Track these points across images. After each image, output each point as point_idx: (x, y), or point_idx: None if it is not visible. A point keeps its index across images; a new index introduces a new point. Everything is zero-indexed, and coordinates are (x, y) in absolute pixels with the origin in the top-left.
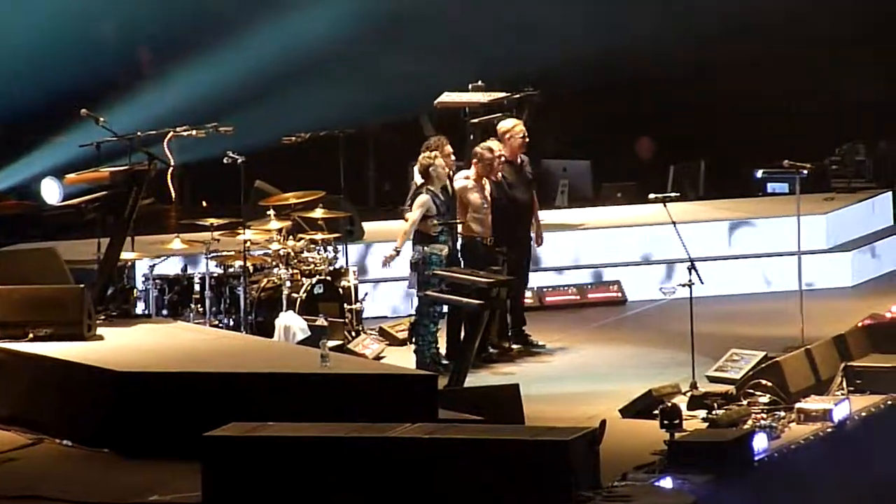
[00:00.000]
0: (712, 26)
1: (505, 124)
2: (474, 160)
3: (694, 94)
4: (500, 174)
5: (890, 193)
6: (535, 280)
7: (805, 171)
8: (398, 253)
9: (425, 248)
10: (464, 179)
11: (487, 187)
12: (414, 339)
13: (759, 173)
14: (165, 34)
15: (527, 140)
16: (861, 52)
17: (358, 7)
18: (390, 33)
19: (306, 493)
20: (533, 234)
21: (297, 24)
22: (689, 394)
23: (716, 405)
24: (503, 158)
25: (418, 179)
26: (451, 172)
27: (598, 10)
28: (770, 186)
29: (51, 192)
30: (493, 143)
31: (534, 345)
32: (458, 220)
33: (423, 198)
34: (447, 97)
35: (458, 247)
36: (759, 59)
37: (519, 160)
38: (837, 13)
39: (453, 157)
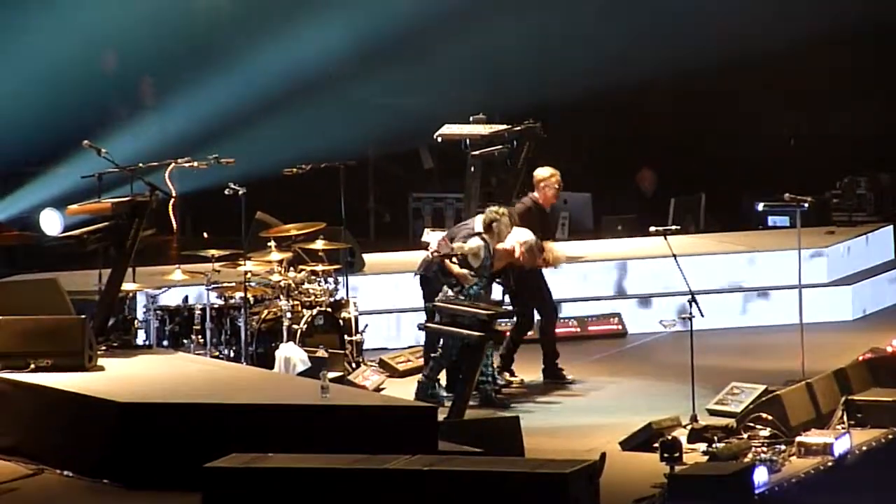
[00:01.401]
0: (712, 59)
1: (542, 172)
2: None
3: (695, 126)
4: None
5: (891, 227)
6: (576, 309)
7: (806, 205)
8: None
9: (451, 292)
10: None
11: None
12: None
13: (760, 206)
14: (164, 64)
15: (561, 189)
16: (862, 84)
17: (358, 34)
18: (390, 63)
19: None
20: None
21: (298, 51)
22: (689, 427)
23: (716, 438)
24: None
25: (477, 226)
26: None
27: (599, 42)
28: (771, 220)
29: (51, 222)
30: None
31: (565, 380)
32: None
33: (480, 243)
34: (448, 129)
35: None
36: (760, 91)
37: (549, 208)
38: (838, 45)
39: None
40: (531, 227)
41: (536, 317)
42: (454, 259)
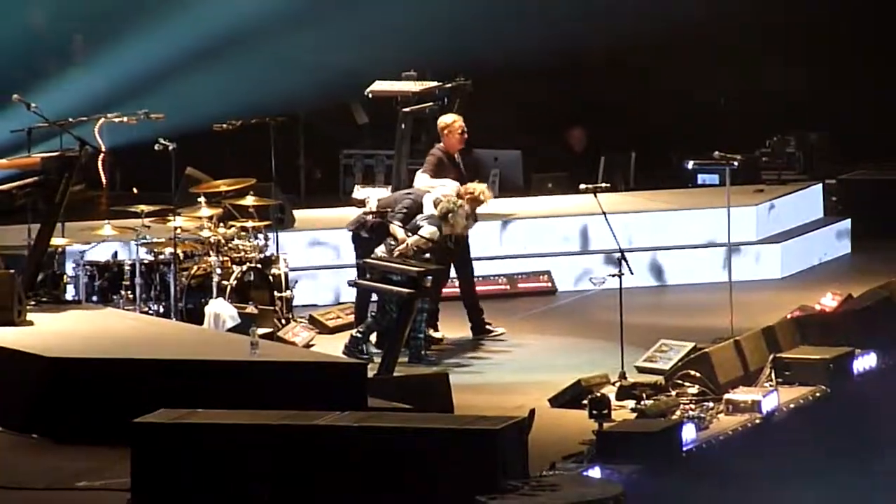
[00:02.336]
0: (646, 19)
1: (444, 119)
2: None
3: (625, 84)
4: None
5: (820, 186)
6: (510, 267)
7: (735, 163)
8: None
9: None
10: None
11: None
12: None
13: (690, 164)
14: (95, 19)
15: (465, 136)
16: (794, 43)
17: None
18: (323, 17)
19: (235, 480)
20: None
21: (230, 5)
22: (617, 384)
23: (644, 395)
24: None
25: (427, 207)
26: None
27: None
28: (701, 178)
29: None
30: (451, 116)
31: (494, 333)
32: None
33: (433, 230)
34: (379, 86)
35: None
36: (692, 50)
37: (456, 156)
38: (768, 3)
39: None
40: (446, 174)
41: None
42: (395, 221)
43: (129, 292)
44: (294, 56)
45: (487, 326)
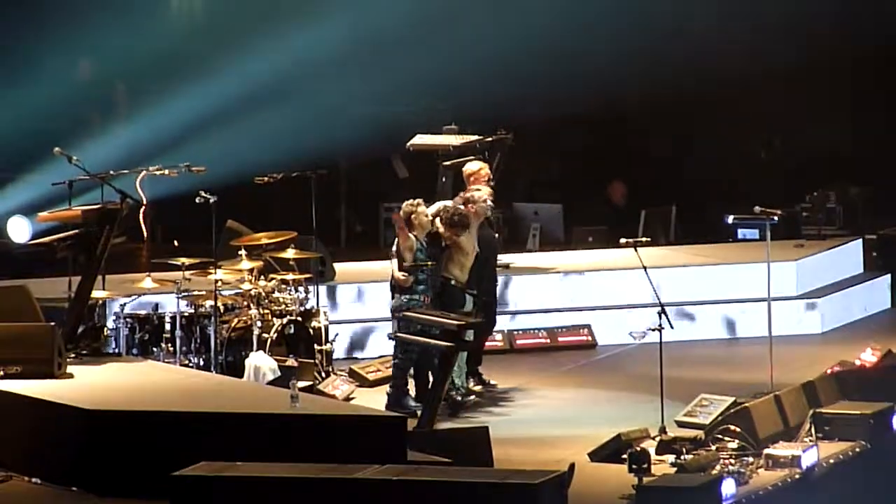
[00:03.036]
0: (687, 71)
1: (471, 167)
2: (468, 205)
3: (668, 139)
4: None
5: (860, 241)
6: (506, 323)
7: (775, 218)
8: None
9: (404, 295)
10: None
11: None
12: (391, 381)
13: (730, 219)
14: (138, 72)
15: (492, 182)
16: (834, 99)
17: (333, 41)
18: (365, 71)
19: None
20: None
21: (271, 58)
22: (657, 438)
23: (684, 450)
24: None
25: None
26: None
27: (577, 54)
28: (741, 232)
29: (19, 230)
30: (484, 190)
31: (487, 384)
32: (426, 263)
33: (411, 241)
34: (420, 139)
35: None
36: (734, 104)
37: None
38: (812, 61)
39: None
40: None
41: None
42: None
43: (170, 345)
44: (336, 106)
45: (482, 376)
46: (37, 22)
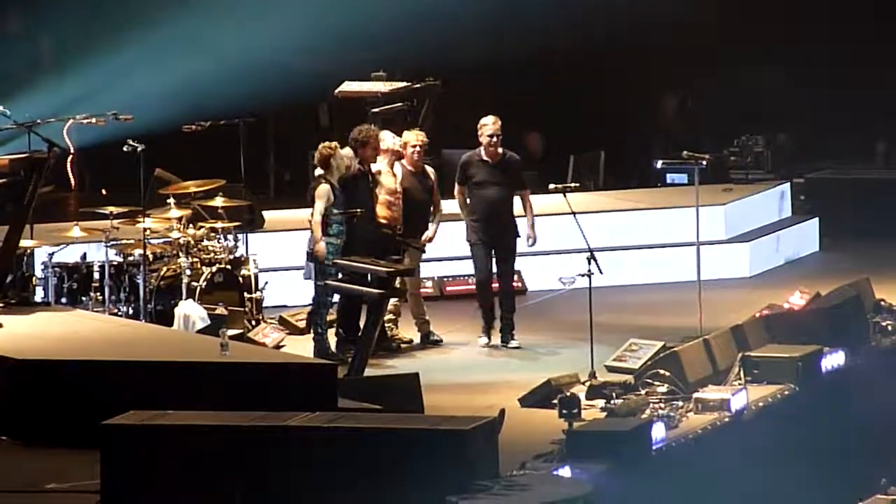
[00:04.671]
0: (619, 20)
1: (406, 136)
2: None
3: (593, 83)
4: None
5: (788, 185)
6: (435, 269)
7: (704, 162)
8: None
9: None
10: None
11: (399, 176)
12: (313, 329)
13: (659, 164)
14: (64, 23)
15: (424, 149)
16: (760, 43)
17: None
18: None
19: (205, 481)
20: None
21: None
22: (587, 383)
23: (614, 395)
24: (417, 149)
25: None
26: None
27: (492, 4)
28: (670, 177)
29: None
30: (408, 135)
31: (431, 339)
32: (356, 211)
33: (325, 187)
34: (347, 86)
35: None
36: (662, 50)
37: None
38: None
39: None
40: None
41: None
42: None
43: (99, 294)
44: (263, 57)
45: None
46: None
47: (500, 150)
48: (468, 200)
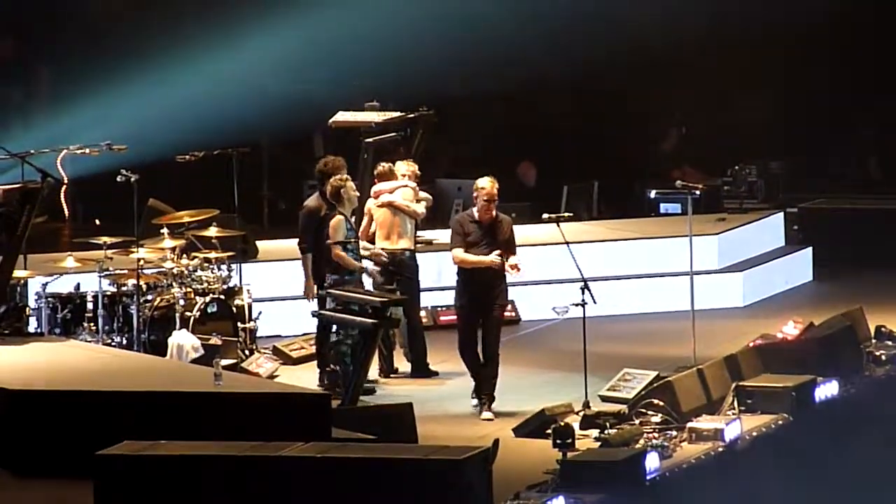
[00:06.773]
0: (614, 53)
1: (398, 167)
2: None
3: (588, 115)
4: None
5: (781, 214)
6: (429, 299)
7: (697, 192)
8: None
9: (334, 275)
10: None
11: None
12: (341, 361)
13: (653, 193)
14: (62, 54)
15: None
16: (752, 74)
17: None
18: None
19: None
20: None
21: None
22: (581, 413)
23: (608, 424)
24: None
25: (310, 203)
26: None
27: (497, 33)
28: (663, 207)
29: None
30: (401, 165)
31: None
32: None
33: (339, 219)
34: (341, 116)
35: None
36: (656, 82)
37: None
38: (727, 38)
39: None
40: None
41: None
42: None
43: (92, 324)
44: (259, 86)
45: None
46: None
47: (493, 212)
48: None
